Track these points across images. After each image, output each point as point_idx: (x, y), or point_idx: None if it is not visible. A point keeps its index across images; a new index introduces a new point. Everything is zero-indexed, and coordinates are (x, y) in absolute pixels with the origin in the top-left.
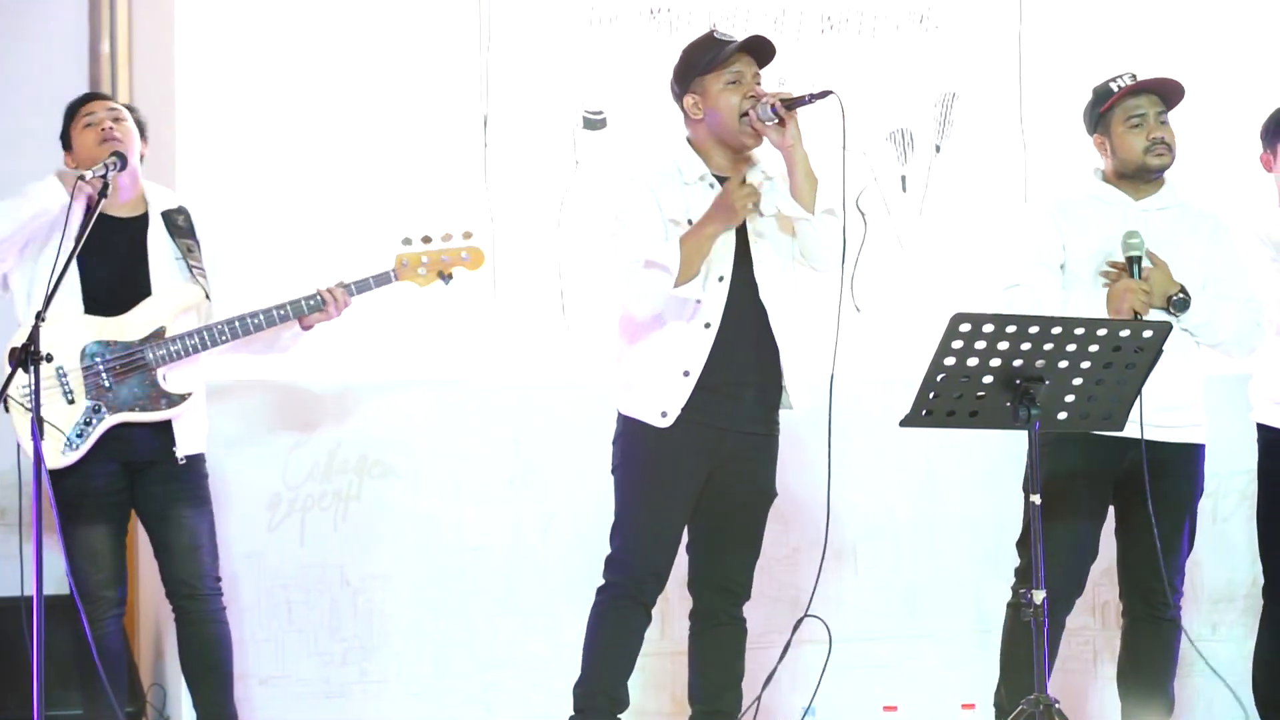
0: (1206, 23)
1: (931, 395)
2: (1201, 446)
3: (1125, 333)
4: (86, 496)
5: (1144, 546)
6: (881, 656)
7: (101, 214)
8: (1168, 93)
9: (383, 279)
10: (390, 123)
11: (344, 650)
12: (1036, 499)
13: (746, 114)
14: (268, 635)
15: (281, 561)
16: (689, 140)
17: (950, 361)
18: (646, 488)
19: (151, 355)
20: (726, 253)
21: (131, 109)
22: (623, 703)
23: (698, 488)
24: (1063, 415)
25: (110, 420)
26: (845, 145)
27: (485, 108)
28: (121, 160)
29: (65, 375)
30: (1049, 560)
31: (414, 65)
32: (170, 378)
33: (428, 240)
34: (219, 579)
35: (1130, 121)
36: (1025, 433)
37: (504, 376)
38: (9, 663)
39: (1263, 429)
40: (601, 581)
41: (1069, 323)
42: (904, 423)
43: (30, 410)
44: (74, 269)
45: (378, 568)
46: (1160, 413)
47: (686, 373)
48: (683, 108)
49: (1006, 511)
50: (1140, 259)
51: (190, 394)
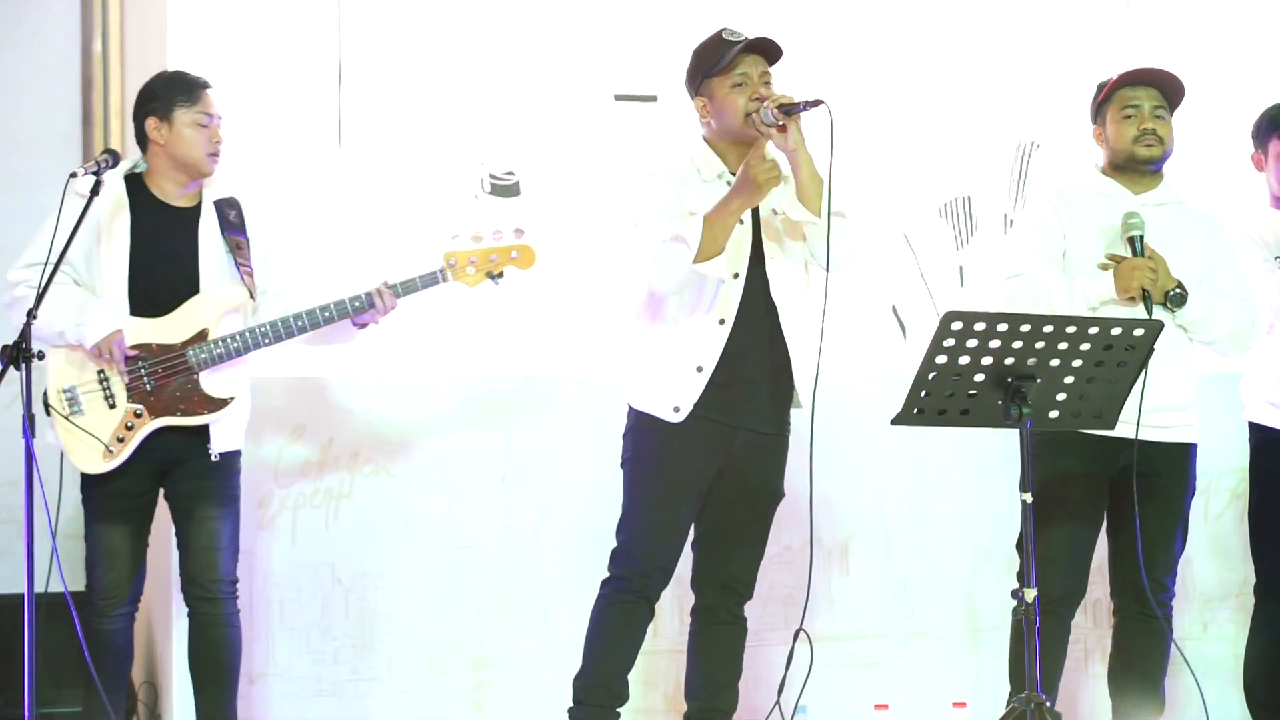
0: (1203, 25)
1: (923, 393)
2: (1194, 446)
3: (1117, 331)
4: (114, 496)
5: (1132, 546)
6: (873, 655)
7: (157, 200)
8: (1168, 88)
9: (430, 279)
10: (380, 115)
11: (335, 648)
12: (1028, 497)
13: (751, 115)
14: (259, 633)
15: (273, 559)
16: (705, 139)
17: (942, 359)
18: (656, 482)
19: (194, 358)
20: (742, 250)
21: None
22: (622, 696)
23: (707, 484)
24: (1054, 414)
25: (152, 424)
26: (833, 155)
27: (485, 106)
28: (113, 157)
29: (107, 379)
30: (1052, 565)
31: (407, 56)
32: (212, 381)
33: (478, 239)
34: (236, 581)
35: (1124, 112)
36: (1017, 431)
37: (496, 374)
38: (9, 660)
39: (1254, 428)
40: (605, 574)
41: (1060, 321)
42: (896, 421)
43: (64, 415)
44: (123, 265)
45: (369, 566)
46: (1154, 413)
47: (700, 368)
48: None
49: (999, 510)
50: (1142, 237)
51: (233, 398)
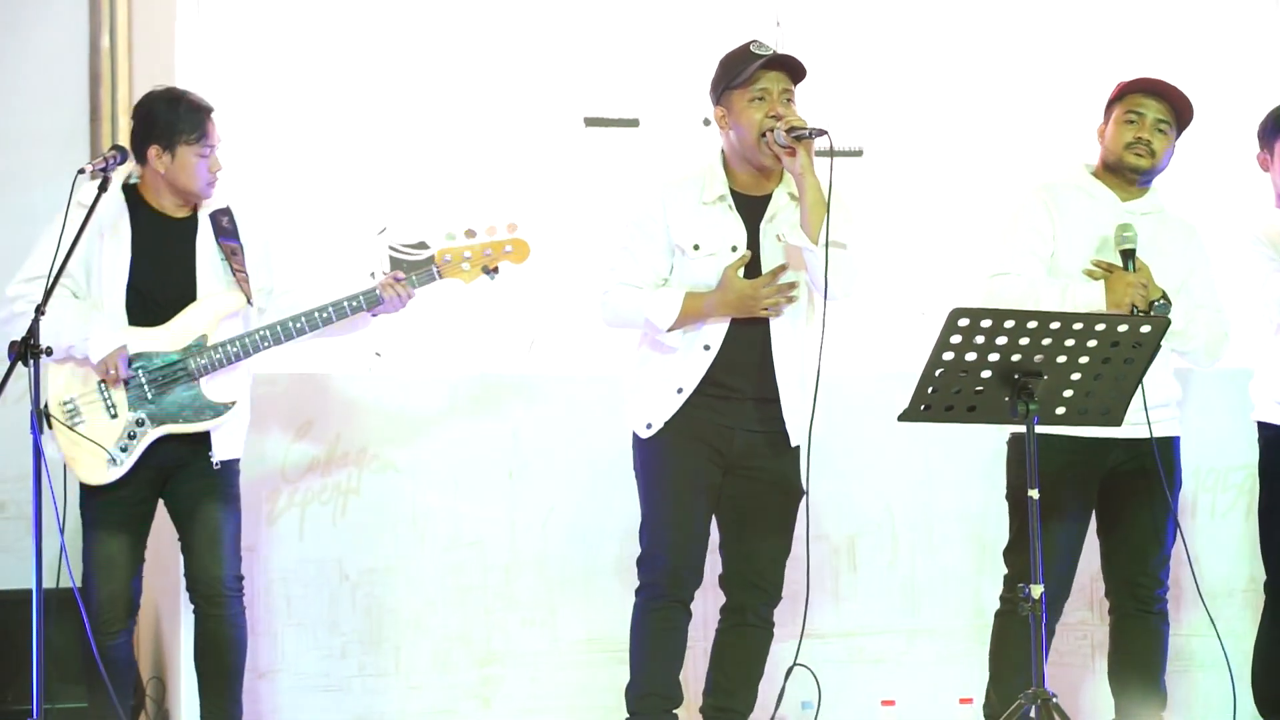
0: (1206, 27)
1: (930, 390)
2: (1176, 439)
3: (1123, 328)
4: (114, 505)
5: (1130, 543)
6: (879, 651)
7: (155, 211)
8: (1178, 105)
9: (426, 277)
10: (387, 113)
11: (343, 644)
12: (1034, 494)
13: (765, 135)
14: (266, 629)
15: (281, 555)
16: (722, 151)
17: (949, 356)
18: (662, 486)
19: (194, 365)
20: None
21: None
22: (676, 699)
23: (714, 480)
24: (1061, 410)
25: (155, 433)
26: (832, 185)
27: (486, 104)
28: (121, 153)
29: (107, 389)
30: (1050, 566)
31: (409, 54)
32: (213, 386)
33: (471, 234)
34: (240, 577)
35: (1127, 116)
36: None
37: (503, 371)
38: (14, 654)
39: (1264, 427)
40: (629, 587)
41: (1067, 318)
42: (902, 417)
43: (67, 424)
44: (122, 276)
45: (377, 562)
46: (1136, 410)
47: (680, 389)
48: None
49: (1005, 507)
50: (1134, 251)
51: (235, 402)
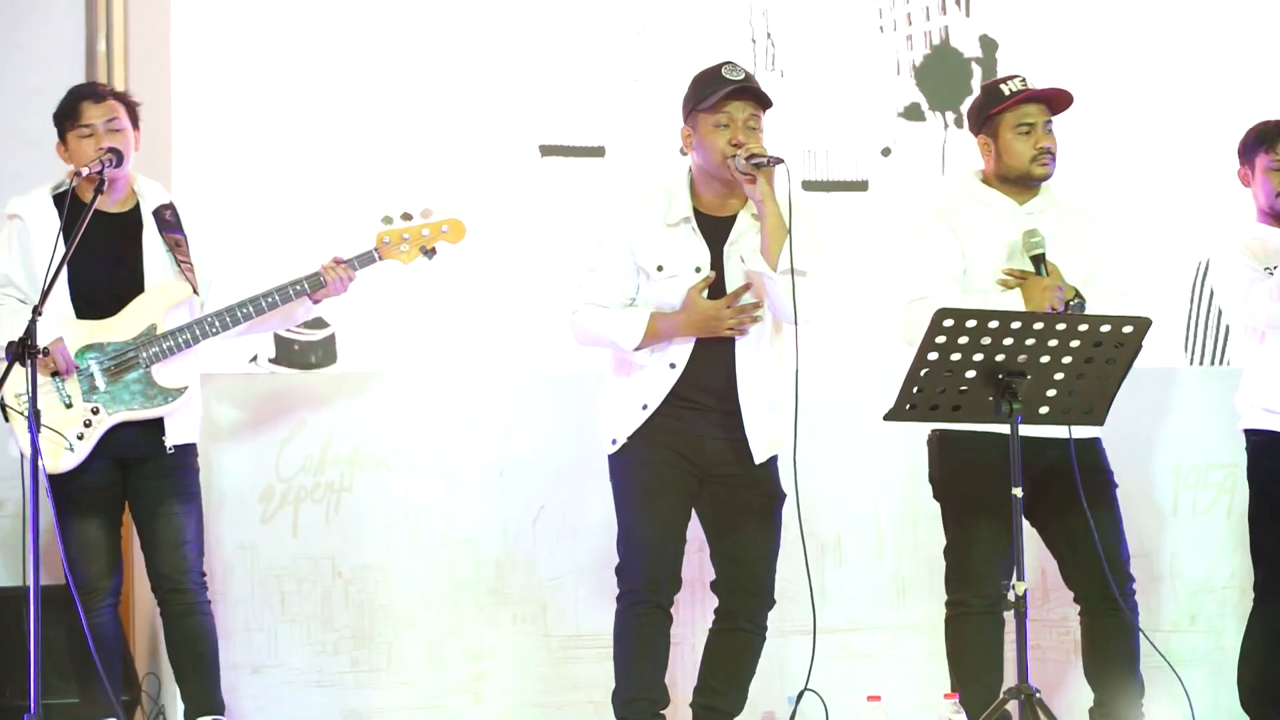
0: (1188, 38)
1: (915, 389)
2: (1098, 440)
3: (1106, 328)
4: (82, 492)
5: (1089, 544)
6: (866, 647)
7: (96, 210)
8: (1057, 102)
9: (366, 259)
10: (383, 115)
11: (336, 640)
12: (1018, 491)
13: (728, 160)
14: (260, 625)
15: (274, 552)
16: (689, 171)
17: (934, 356)
18: (633, 496)
19: (144, 354)
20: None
21: (121, 96)
22: (662, 701)
23: (686, 485)
24: (1044, 409)
25: (109, 421)
26: (793, 213)
27: (482, 104)
28: (117, 156)
29: (61, 380)
30: (988, 565)
31: (406, 58)
32: (164, 373)
33: (408, 217)
34: (204, 574)
35: (1020, 128)
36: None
37: (494, 370)
38: (5, 652)
39: (1250, 433)
40: (614, 589)
41: (1051, 318)
42: (888, 417)
43: (24, 414)
44: (63, 276)
45: (369, 559)
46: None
47: (645, 406)
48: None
49: None
50: (1044, 255)
51: (186, 387)
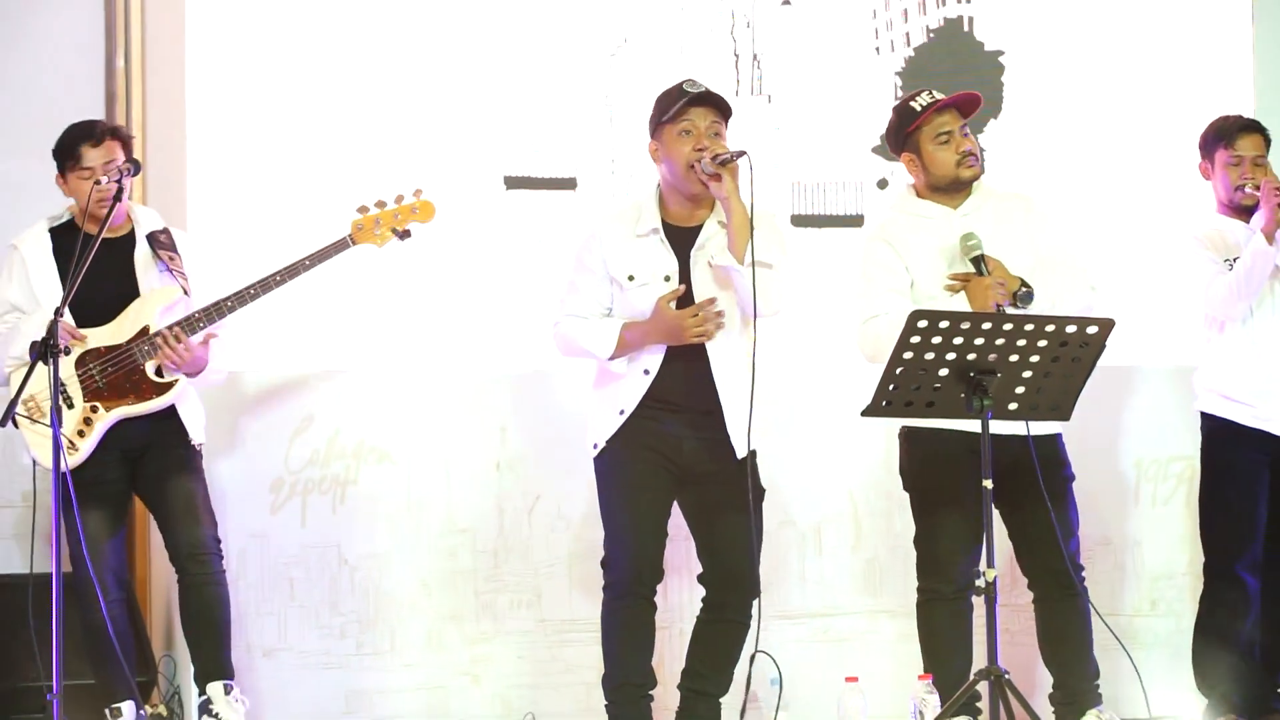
0: (1149, 37)
1: (891, 387)
2: (1059, 435)
3: (1071, 329)
4: (89, 485)
5: (1042, 533)
6: (844, 630)
7: (88, 236)
8: (967, 105)
9: (340, 245)
10: (387, 129)
11: (342, 624)
12: (988, 483)
13: (694, 165)
14: (271, 610)
15: (284, 541)
16: (658, 185)
17: (908, 355)
18: (616, 495)
19: (139, 352)
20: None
21: (118, 132)
22: (648, 684)
23: (665, 482)
24: (1013, 405)
25: (109, 418)
26: (733, 207)
27: (476, 109)
28: (135, 166)
29: (63, 383)
30: (955, 553)
31: (409, 73)
32: (159, 370)
33: (381, 204)
34: (219, 540)
35: (939, 139)
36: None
37: (492, 369)
38: (23, 637)
39: (1205, 418)
40: (602, 581)
41: (1019, 319)
42: (865, 413)
43: (34, 420)
44: (60, 291)
45: (374, 547)
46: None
47: (621, 411)
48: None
49: None
50: (983, 256)
51: (178, 379)
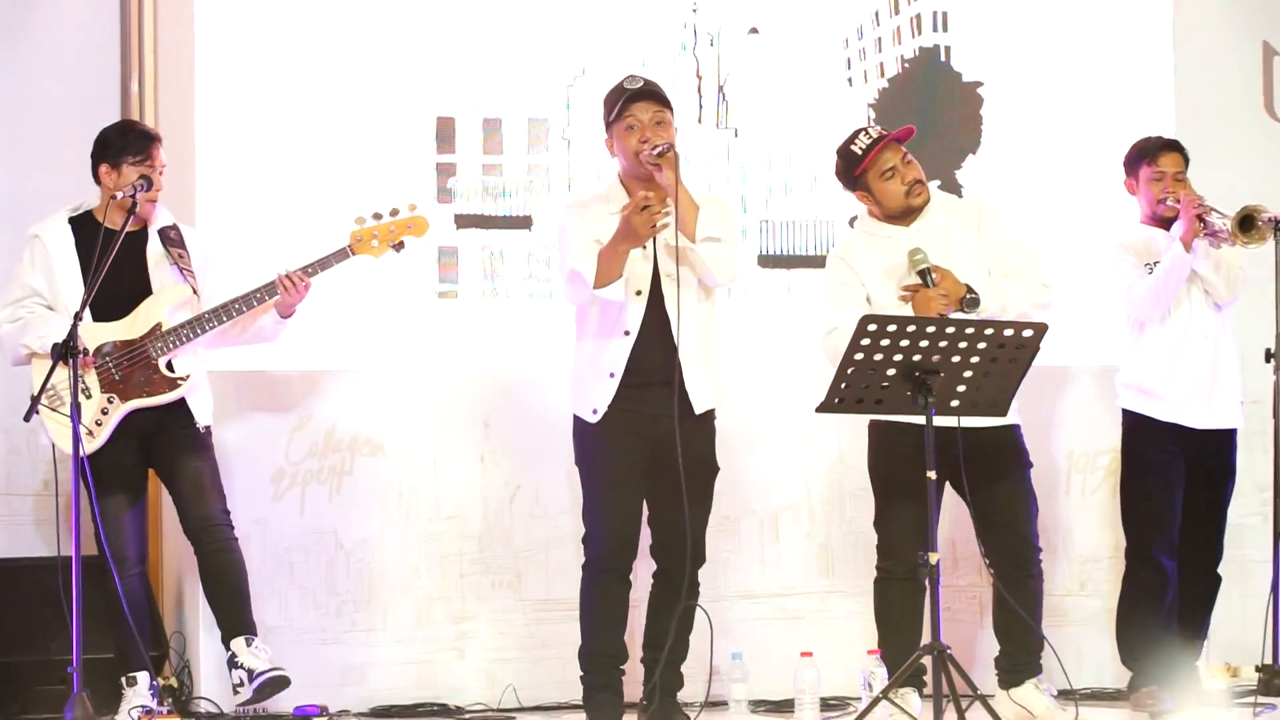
0: (1078, 67)
1: (843, 385)
2: (1017, 426)
3: (1009, 333)
4: (108, 470)
5: (1001, 518)
6: (799, 609)
7: (109, 230)
8: (904, 136)
9: (340, 255)
10: (386, 141)
11: (338, 604)
12: (932, 474)
13: (640, 155)
14: (272, 591)
15: (284, 527)
16: (618, 174)
17: (859, 356)
18: (601, 473)
19: (152, 348)
20: (645, 272)
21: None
22: (620, 656)
23: (643, 464)
24: (955, 402)
25: (124, 408)
26: (678, 193)
27: (469, 119)
28: (147, 182)
29: (82, 375)
30: (908, 537)
31: (413, 85)
32: (171, 364)
33: (378, 217)
34: (228, 511)
35: (885, 175)
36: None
37: (477, 369)
38: (48, 614)
39: (1127, 414)
40: (581, 558)
41: (960, 324)
42: (820, 409)
43: (55, 410)
44: (79, 283)
45: (367, 533)
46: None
47: (612, 374)
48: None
49: None
50: (928, 270)
51: (189, 375)
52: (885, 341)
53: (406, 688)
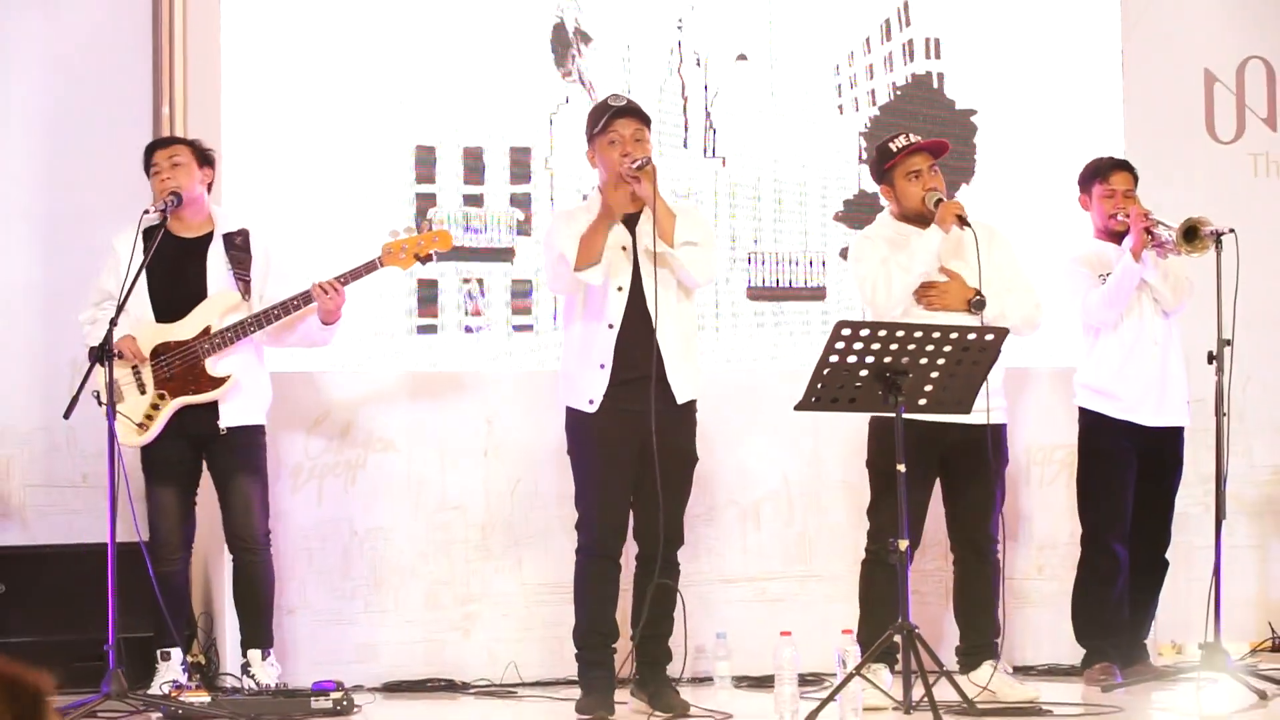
0: (1032, 90)
1: (819, 385)
2: (1004, 426)
3: (972, 336)
4: (160, 464)
5: (968, 509)
6: (779, 592)
7: (172, 235)
8: (937, 149)
9: (371, 266)
10: (395, 154)
11: (353, 587)
12: (902, 467)
13: (621, 169)
14: (292, 575)
15: (303, 517)
16: (598, 184)
17: (834, 359)
18: (592, 462)
19: (201, 349)
20: (625, 267)
21: (192, 143)
22: (613, 636)
23: (631, 454)
24: (923, 401)
25: (173, 404)
26: (655, 203)
27: (465, 122)
28: (177, 198)
29: (139, 371)
30: (891, 525)
31: (415, 97)
32: (216, 365)
33: (410, 231)
34: (269, 533)
35: (910, 176)
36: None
37: (480, 371)
38: (96, 596)
39: (1083, 412)
40: (575, 544)
41: (928, 328)
42: (798, 407)
43: (110, 403)
44: (144, 290)
45: (380, 522)
46: (977, 401)
47: (602, 365)
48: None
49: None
50: (940, 199)
51: (229, 375)
52: (858, 345)
53: (415, 665)
